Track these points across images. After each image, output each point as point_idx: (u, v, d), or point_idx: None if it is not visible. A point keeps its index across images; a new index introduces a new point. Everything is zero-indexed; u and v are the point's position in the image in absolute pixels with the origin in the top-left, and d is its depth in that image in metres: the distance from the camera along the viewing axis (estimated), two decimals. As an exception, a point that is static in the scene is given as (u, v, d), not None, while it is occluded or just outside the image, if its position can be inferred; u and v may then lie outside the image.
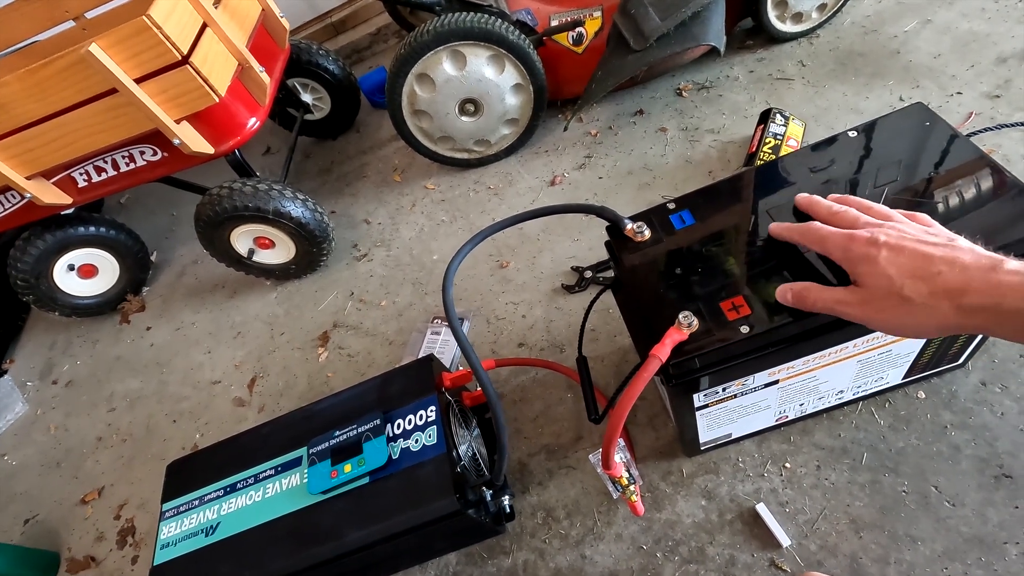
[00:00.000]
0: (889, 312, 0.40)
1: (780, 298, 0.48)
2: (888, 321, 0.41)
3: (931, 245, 0.39)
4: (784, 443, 0.70)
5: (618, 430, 0.48)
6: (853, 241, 0.42)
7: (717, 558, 0.66)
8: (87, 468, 1.09)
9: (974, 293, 0.36)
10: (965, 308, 0.37)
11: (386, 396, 0.71)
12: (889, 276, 0.39)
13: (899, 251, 0.40)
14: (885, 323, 0.41)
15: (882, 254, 0.40)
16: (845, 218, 0.45)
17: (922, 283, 0.38)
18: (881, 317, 0.41)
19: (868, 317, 0.42)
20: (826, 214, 0.47)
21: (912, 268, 0.39)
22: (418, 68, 1.06)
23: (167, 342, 1.24)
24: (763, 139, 0.95)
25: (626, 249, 0.57)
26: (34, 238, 1.16)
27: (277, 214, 1.05)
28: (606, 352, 0.86)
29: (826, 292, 0.44)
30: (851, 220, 0.45)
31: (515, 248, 1.06)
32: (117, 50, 0.82)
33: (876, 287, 0.41)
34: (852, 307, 0.42)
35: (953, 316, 0.37)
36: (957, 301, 0.37)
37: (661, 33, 0.96)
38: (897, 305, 0.40)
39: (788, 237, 0.49)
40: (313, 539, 0.63)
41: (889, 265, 0.40)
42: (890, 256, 0.40)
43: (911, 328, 0.40)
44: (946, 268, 0.38)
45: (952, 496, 0.62)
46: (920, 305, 0.38)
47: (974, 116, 0.91)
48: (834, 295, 0.44)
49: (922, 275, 0.38)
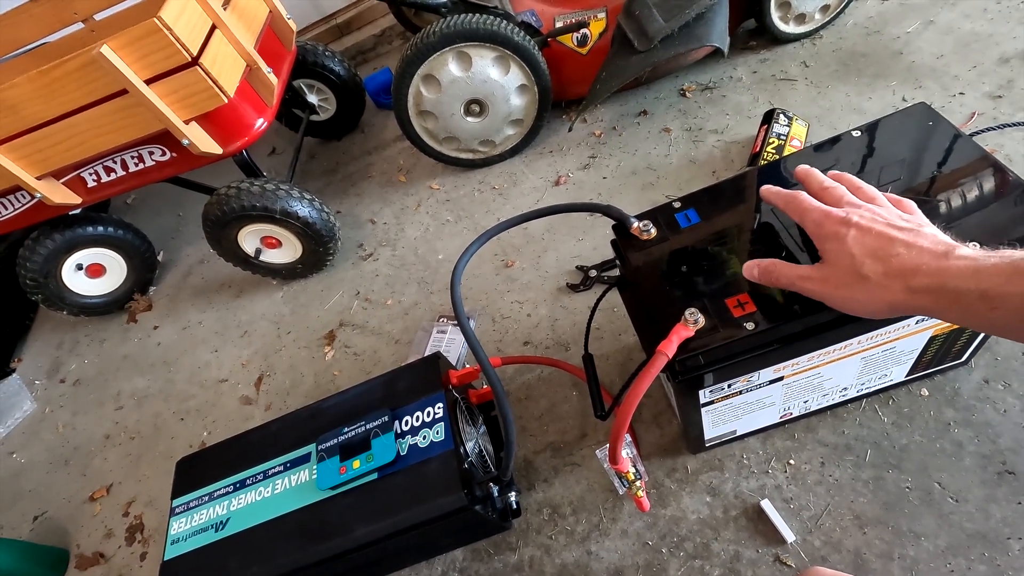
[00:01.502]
0: (846, 289, 0.42)
1: (747, 274, 0.49)
2: (844, 298, 0.43)
3: (897, 229, 0.41)
4: (788, 440, 0.71)
5: (625, 425, 0.49)
6: (828, 218, 0.44)
7: (722, 554, 0.66)
8: (95, 466, 1.09)
9: (923, 274, 0.38)
10: (914, 288, 0.38)
11: (394, 393, 0.72)
12: (852, 254, 0.41)
13: (867, 232, 0.41)
14: (841, 300, 0.43)
15: (851, 233, 0.42)
16: (832, 195, 0.47)
17: (879, 263, 0.40)
18: (838, 294, 0.43)
19: (827, 293, 0.44)
20: (816, 188, 0.48)
21: (874, 248, 0.40)
22: (424, 69, 1.07)
23: (174, 341, 1.25)
24: (767, 139, 0.96)
25: (632, 247, 0.58)
26: (43, 238, 1.18)
27: (284, 214, 1.06)
28: (611, 350, 0.87)
29: (790, 268, 0.46)
30: (836, 198, 0.46)
31: (520, 247, 1.07)
32: (128, 51, 0.83)
33: (838, 264, 0.42)
34: (813, 283, 0.44)
35: (902, 296, 0.39)
36: (907, 282, 0.39)
37: (665, 34, 0.97)
38: (854, 283, 0.41)
39: (774, 201, 0.50)
40: (322, 534, 0.64)
41: (854, 244, 0.41)
42: (857, 236, 0.41)
43: (863, 305, 0.42)
44: (904, 250, 0.39)
45: (955, 492, 0.63)
46: (875, 284, 0.40)
47: (976, 116, 0.91)
48: (797, 271, 0.45)
49: (881, 255, 0.40)
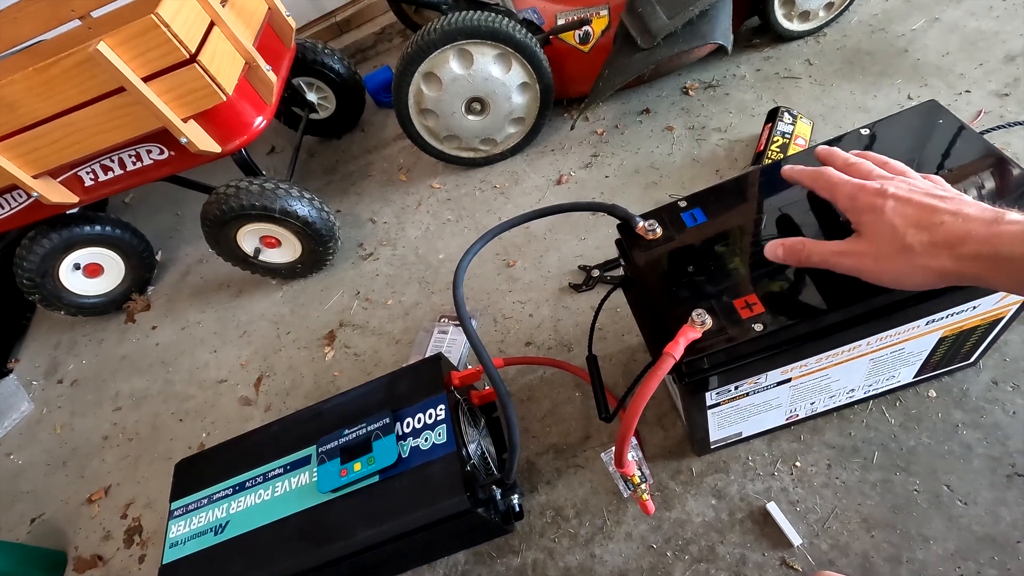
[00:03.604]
0: (889, 261, 0.40)
1: (770, 255, 0.47)
2: (887, 271, 0.41)
3: (938, 198, 0.39)
4: (794, 442, 0.70)
5: (632, 428, 0.48)
6: (862, 190, 0.42)
7: (728, 557, 0.66)
8: (93, 467, 1.09)
9: (973, 242, 0.36)
10: (963, 256, 0.37)
11: (395, 395, 0.71)
12: (893, 225, 0.40)
13: (906, 202, 0.40)
14: (884, 273, 0.41)
15: (888, 204, 0.40)
16: (860, 169, 0.45)
17: (925, 232, 0.38)
18: (880, 267, 0.41)
19: (866, 267, 0.42)
20: (842, 164, 0.47)
21: (917, 218, 0.39)
22: (425, 67, 1.06)
23: (172, 341, 1.24)
24: (771, 138, 0.95)
25: (637, 247, 0.57)
26: (40, 237, 1.17)
27: (284, 213, 1.05)
28: (614, 351, 0.86)
29: (822, 245, 0.44)
30: (865, 171, 0.45)
31: (522, 247, 1.06)
32: (125, 49, 0.82)
33: (879, 235, 0.41)
34: (851, 257, 0.42)
35: (951, 264, 0.38)
36: (956, 250, 0.37)
37: (668, 32, 0.96)
38: (897, 254, 0.40)
39: (799, 179, 0.48)
40: (322, 538, 0.63)
41: (895, 215, 0.40)
42: (896, 206, 0.40)
43: (908, 276, 0.40)
44: (949, 218, 0.38)
45: (964, 495, 0.62)
46: (920, 254, 0.39)
47: (983, 114, 0.91)
48: (831, 247, 0.44)
49: (925, 224, 0.38)
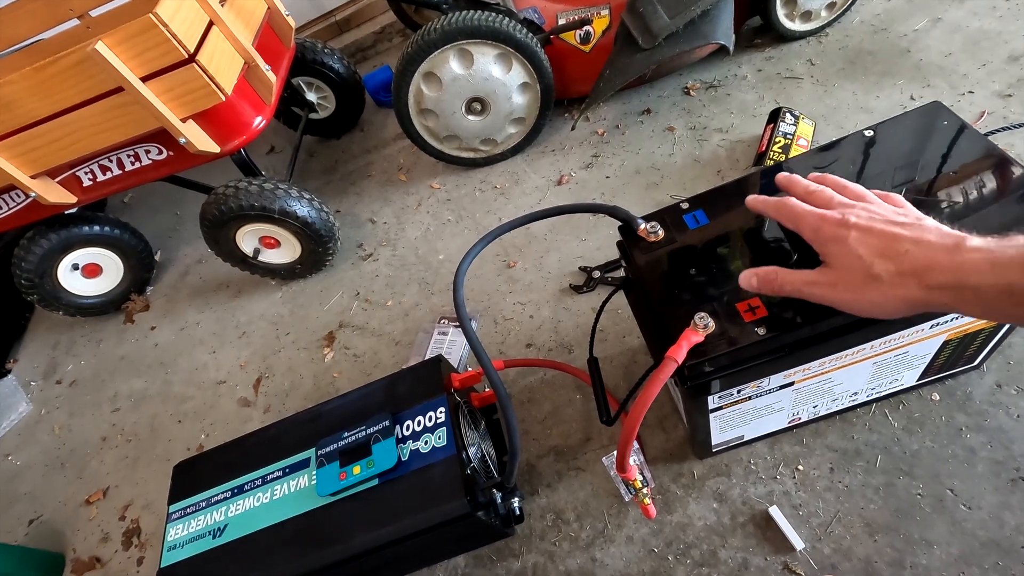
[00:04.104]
0: (859, 291, 0.41)
1: (744, 284, 0.47)
2: (858, 301, 0.41)
3: (899, 225, 0.40)
4: (797, 445, 0.70)
5: (634, 433, 0.47)
6: (825, 221, 0.43)
7: (730, 561, 0.65)
8: (92, 468, 1.08)
9: (938, 271, 0.37)
10: (931, 286, 0.37)
11: (395, 397, 0.70)
12: (859, 256, 0.40)
13: (868, 232, 0.40)
14: (855, 303, 0.41)
15: (852, 235, 0.41)
16: (820, 198, 0.46)
17: (891, 262, 0.39)
18: (851, 297, 0.41)
19: (838, 297, 0.42)
20: (802, 193, 0.47)
21: (880, 248, 0.39)
22: (425, 66, 1.06)
23: (171, 342, 1.24)
24: (773, 138, 0.94)
25: (639, 249, 0.56)
26: (38, 237, 1.16)
27: (283, 213, 1.05)
28: (615, 353, 0.85)
29: (794, 275, 0.44)
30: (825, 200, 0.45)
31: (522, 248, 1.05)
32: (123, 48, 0.81)
33: (846, 267, 0.41)
34: (822, 288, 0.43)
35: (920, 294, 0.38)
36: (923, 279, 0.37)
37: (670, 31, 0.96)
38: (866, 284, 0.40)
39: (763, 211, 0.49)
40: (322, 541, 0.63)
41: (859, 245, 0.40)
42: (859, 236, 0.40)
43: (879, 307, 0.40)
44: (912, 247, 0.38)
45: (968, 499, 0.61)
46: (888, 284, 0.39)
47: (986, 115, 0.90)
48: (803, 277, 0.44)
49: (890, 254, 0.39)
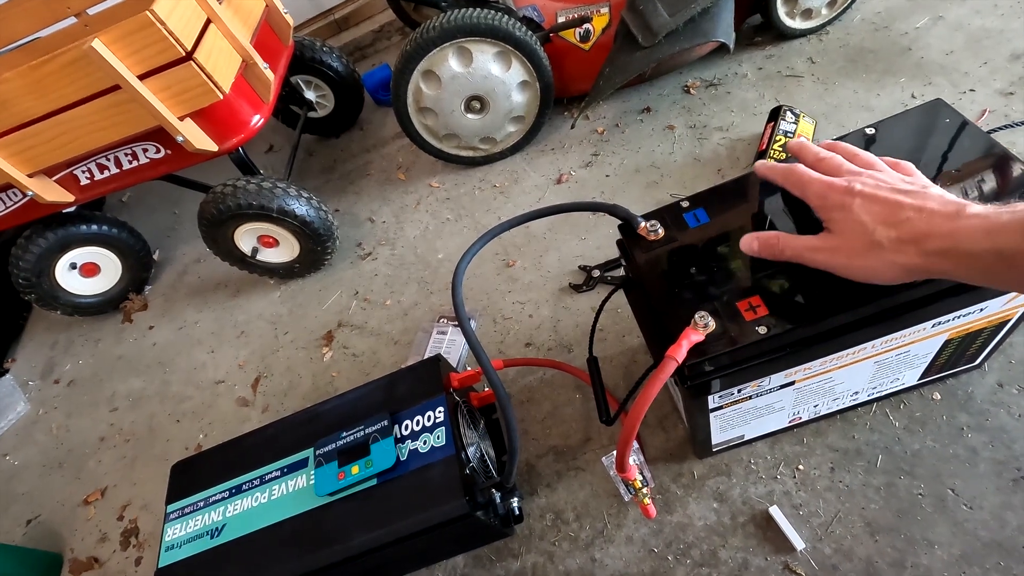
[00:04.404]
0: (860, 257, 0.41)
1: (746, 248, 0.48)
2: (858, 267, 0.42)
3: (903, 193, 0.40)
4: (797, 445, 0.69)
5: (634, 433, 0.47)
6: (831, 188, 0.43)
7: (730, 561, 0.65)
8: (89, 468, 1.08)
9: (936, 237, 0.37)
10: (928, 252, 0.38)
11: (393, 397, 0.70)
12: (862, 222, 0.40)
13: (873, 199, 0.41)
14: (855, 268, 0.42)
15: (856, 202, 0.41)
16: (829, 165, 0.46)
17: (892, 228, 0.39)
18: (852, 263, 0.42)
19: (839, 263, 0.43)
20: (812, 160, 0.47)
21: (884, 215, 0.40)
22: (424, 65, 1.05)
23: (170, 341, 1.23)
24: (773, 136, 0.94)
25: (639, 248, 0.56)
26: (36, 236, 1.16)
27: (281, 212, 1.04)
28: (615, 352, 0.85)
29: (796, 239, 0.45)
30: (834, 167, 0.45)
31: (521, 247, 1.05)
32: (120, 46, 0.81)
33: (849, 232, 0.41)
34: (823, 253, 0.43)
35: (919, 260, 0.38)
36: (922, 246, 0.38)
37: (670, 29, 0.95)
38: (868, 250, 0.40)
39: (771, 177, 0.49)
40: (320, 542, 0.62)
41: (863, 212, 0.41)
42: (864, 204, 0.41)
43: (878, 272, 0.41)
44: (914, 214, 0.39)
45: (969, 499, 0.61)
46: (888, 250, 0.39)
47: (988, 113, 0.90)
48: (805, 242, 0.44)
49: (892, 221, 0.39)
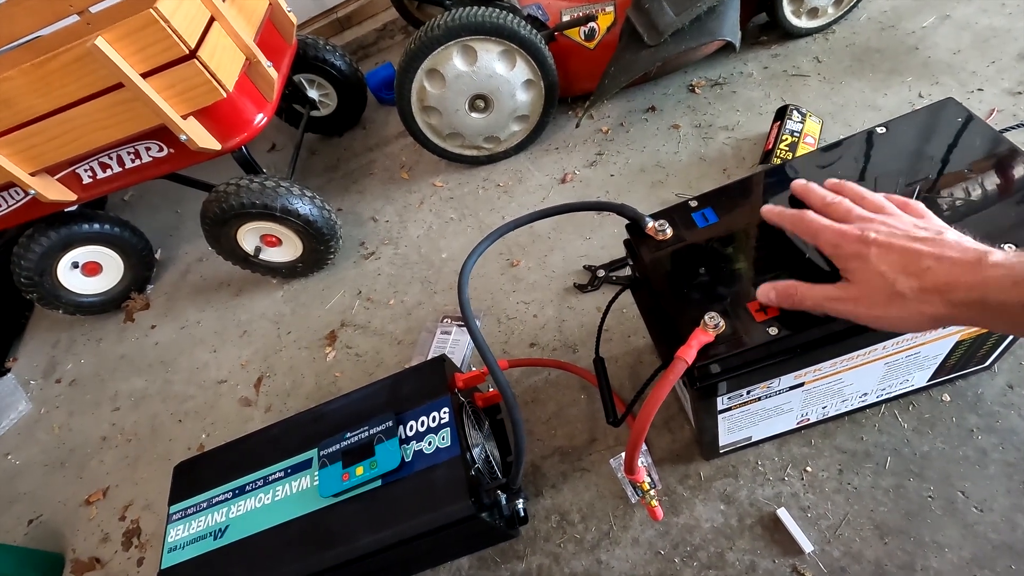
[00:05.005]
0: (883, 308, 0.40)
1: (763, 298, 0.47)
2: (883, 317, 0.41)
3: (919, 241, 0.39)
4: (805, 446, 0.69)
5: (643, 434, 0.47)
6: (844, 238, 0.42)
7: (737, 564, 0.64)
8: (91, 468, 1.07)
9: (961, 288, 0.37)
10: (955, 303, 0.37)
11: (398, 397, 0.69)
12: (881, 273, 0.40)
13: (889, 248, 0.40)
14: (880, 319, 0.41)
15: (872, 251, 0.40)
16: (838, 210, 0.45)
17: (914, 279, 0.38)
18: (876, 313, 0.41)
19: (863, 313, 0.42)
20: (820, 204, 0.47)
21: (902, 264, 0.39)
22: (428, 63, 1.05)
23: (172, 341, 1.23)
24: (780, 136, 0.93)
25: (647, 247, 0.56)
26: (38, 235, 1.15)
27: (285, 211, 1.04)
28: (620, 353, 0.84)
29: (815, 289, 0.44)
30: (843, 213, 0.45)
31: (526, 247, 1.05)
32: (124, 44, 0.80)
33: (869, 283, 0.41)
34: (845, 303, 0.42)
35: (945, 310, 0.38)
36: (947, 296, 0.37)
37: (675, 28, 0.95)
38: (891, 300, 0.40)
39: (779, 223, 0.48)
40: (324, 543, 0.62)
41: (880, 262, 0.40)
42: (880, 253, 0.40)
43: (905, 323, 0.40)
44: (934, 263, 0.38)
45: (980, 501, 0.61)
46: (912, 300, 0.39)
47: (996, 113, 0.89)
48: (825, 292, 0.43)
49: (913, 271, 0.39)
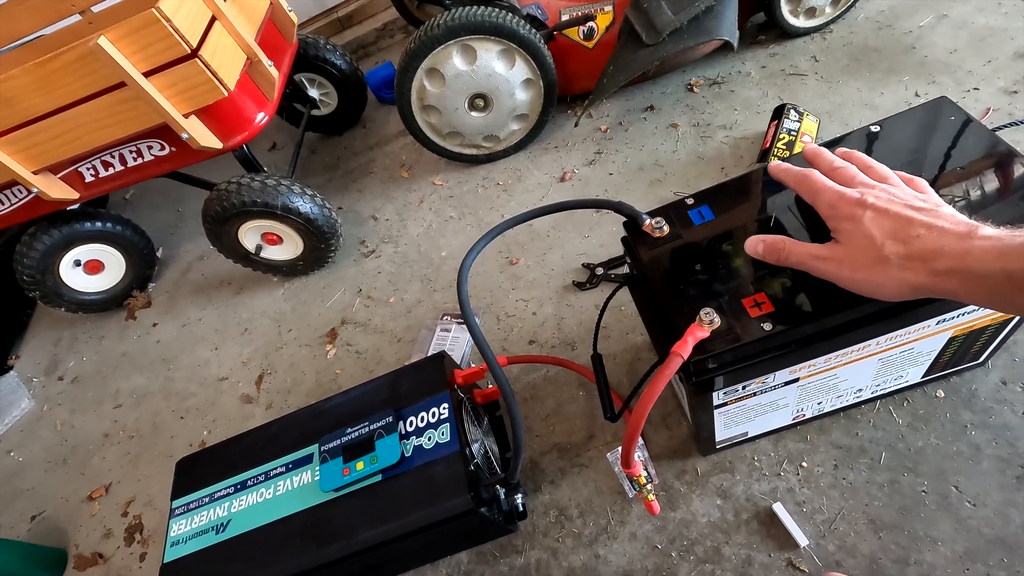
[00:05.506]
0: (865, 271, 0.41)
1: (750, 250, 0.48)
2: (863, 280, 0.41)
3: (915, 209, 0.40)
4: (801, 442, 0.69)
5: (639, 428, 0.47)
6: (842, 199, 0.43)
7: (733, 558, 0.65)
8: (94, 465, 1.08)
9: (946, 257, 0.37)
10: (938, 271, 0.37)
11: (398, 393, 0.70)
12: (871, 236, 0.40)
13: (884, 213, 0.40)
14: (859, 282, 0.42)
15: (867, 215, 0.41)
16: (843, 175, 0.46)
17: (901, 244, 0.39)
18: (856, 276, 0.42)
19: (843, 274, 0.42)
20: (827, 168, 0.47)
21: (893, 230, 0.40)
22: (428, 62, 1.05)
23: (173, 338, 1.24)
24: (777, 135, 0.94)
25: (644, 245, 0.56)
26: (40, 233, 1.16)
27: (285, 210, 1.04)
28: (618, 349, 0.85)
29: (801, 246, 0.45)
30: (848, 178, 0.45)
31: (525, 245, 1.05)
32: (126, 43, 0.81)
33: (857, 245, 0.41)
34: (829, 263, 0.43)
35: (926, 278, 0.38)
36: (931, 264, 0.38)
37: (674, 27, 0.96)
38: (874, 264, 0.40)
39: (784, 180, 0.49)
40: (325, 537, 0.63)
41: (872, 226, 0.40)
42: (875, 217, 0.40)
43: (883, 288, 0.41)
44: (924, 231, 0.38)
45: (973, 496, 0.61)
46: (895, 266, 0.39)
47: (992, 112, 0.90)
48: (811, 250, 0.44)
49: (902, 237, 0.39)
